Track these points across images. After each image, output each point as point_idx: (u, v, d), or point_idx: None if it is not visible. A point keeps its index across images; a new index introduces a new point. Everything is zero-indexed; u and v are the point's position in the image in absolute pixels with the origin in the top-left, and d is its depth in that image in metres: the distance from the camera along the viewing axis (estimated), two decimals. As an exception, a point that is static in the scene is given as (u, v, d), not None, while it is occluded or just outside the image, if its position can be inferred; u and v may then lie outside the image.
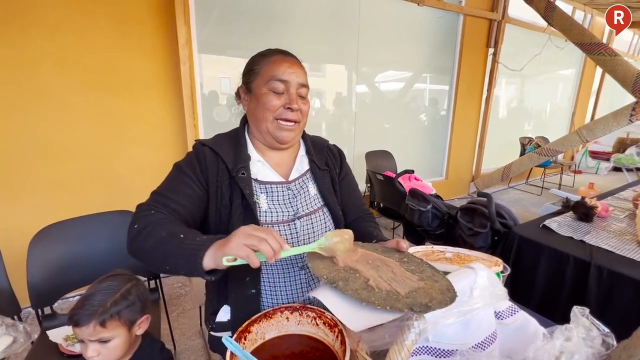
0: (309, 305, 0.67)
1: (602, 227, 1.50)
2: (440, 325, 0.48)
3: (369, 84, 3.35)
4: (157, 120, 2.19)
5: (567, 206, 1.67)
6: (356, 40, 3.02)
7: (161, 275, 1.49)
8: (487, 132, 4.25)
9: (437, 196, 2.17)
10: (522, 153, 4.46)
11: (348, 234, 0.63)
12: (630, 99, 2.96)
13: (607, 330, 0.48)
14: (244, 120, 0.85)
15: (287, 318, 0.67)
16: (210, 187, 0.75)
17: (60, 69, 1.86)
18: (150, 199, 0.72)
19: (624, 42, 5.90)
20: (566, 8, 4.02)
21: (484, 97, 4.11)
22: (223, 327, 0.79)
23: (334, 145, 0.95)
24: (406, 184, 2.32)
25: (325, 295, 0.56)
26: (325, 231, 0.82)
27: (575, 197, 1.72)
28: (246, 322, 0.62)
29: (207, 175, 0.75)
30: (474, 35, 3.71)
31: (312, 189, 0.84)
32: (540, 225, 1.51)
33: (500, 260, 0.72)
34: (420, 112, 3.88)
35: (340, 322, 0.61)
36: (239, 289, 0.75)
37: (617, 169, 4.70)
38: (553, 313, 1.27)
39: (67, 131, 1.94)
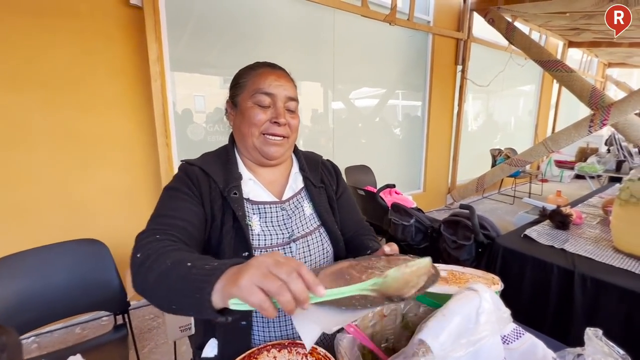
0: (298, 341, 0.60)
1: (579, 235, 1.54)
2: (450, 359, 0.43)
3: (345, 100, 3.39)
4: (125, 140, 2.07)
5: (544, 215, 1.70)
6: (331, 57, 3.06)
7: (130, 307, 1.36)
8: (460, 145, 4.40)
9: (419, 209, 2.17)
10: (493, 164, 4.64)
11: (424, 263, 0.47)
12: (582, 110, 3.17)
13: (622, 352, 0.46)
14: (232, 137, 0.80)
15: (275, 357, 0.60)
16: (204, 206, 0.68)
17: (16, 86, 1.72)
18: (152, 223, 0.63)
19: (574, 60, 6.42)
20: (524, 29, 4.32)
21: (455, 111, 4.27)
22: None
23: (328, 160, 0.91)
24: (387, 198, 2.31)
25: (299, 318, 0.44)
26: (323, 253, 0.76)
27: (550, 206, 1.76)
28: (228, 367, 0.55)
29: (200, 192, 0.69)
30: (443, 53, 3.89)
31: (308, 209, 0.78)
32: (522, 235, 1.53)
33: (497, 278, 0.69)
34: (396, 127, 3.97)
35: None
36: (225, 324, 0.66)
37: (578, 177, 5.00)
38: (542, 325, 1.26)
39: (22, 153, 1.78)
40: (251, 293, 0.38)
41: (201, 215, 0.67)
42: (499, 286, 0.65)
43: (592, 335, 0.45)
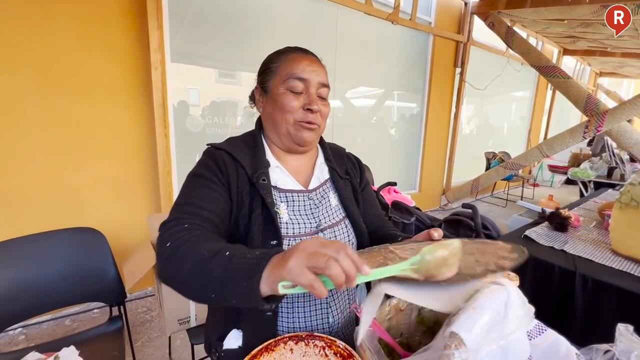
0: (316, 334, 0.58)
1: (577, 237, 1.56)
2: (482, 354, 0.42)
3: (343, 98, 3.38)
4: (122, 128, 2.01)
5: (543, 217, 1.72)
6: (334, 55, 3.04)
7: (125, 299, 1.32)
8: (456, 147, 4.44)
9: (417, 208, 2.17)
10: (488, 167, 4.69)
11: (456, 244, 0.50)
12: (573, 117, 3.22)
13: (653, 348, 0.45)
14: (260, 123, 0.77)
15: (292, 349, 0.58)
16: (231, 193, 0.66)
17: (9, 69, 1.66)
18: (177, 212, 0.60)
19: (568, 68, 6.54)
20: (522, 35, 4.38)
21: (452, 113, 4.30)
22: (234, 356, 0.68)
23: (351, 153, 0.90)
24: (387, 196, 2.30)
25: (394, 290, 0.48)
26: (349, 244, 0.75)
27: (537, 208, 1.78)
28: (245, 359, 0.53)
29: (228, 178, 0.66)
30: (443, 55, 3.91)
31: (334, 200, 0.77)
32: (522, 236, 1.54)
33: (513, 274, 0.68)
34: (393, 127, 3.98)
35: (360, 352, 0.54)
36: (254, 311, 0.64)
37: (568, 182, 5.09)
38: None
39: (14, 139, 1.72)
40: (301, 274, 0.39)
41: (227, 205, 0.65)
42: (517, 282, 0.64)
43: (624, 330, 0.44)
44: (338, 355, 0.56)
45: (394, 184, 2.18)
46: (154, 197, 2.17)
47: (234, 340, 0.68)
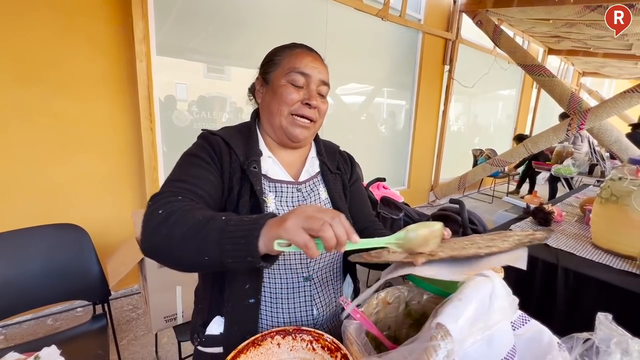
0: (304, 328, 0.58)
1: (560, 231, 1.60)
2: (467, 344, 0.42)
3: (334, 95, 3.37)
4: (106, 122, 1.96)
5: (528, 212, 1.76)
6: (323, 51, 3.01)
7: (110, 297, 1.29)
8: (445, 144, 4.49)
9: (406, 204, 2.19)
10: (475, 164, 4.77)
11: (438, 226, 0.54)
12: (558, 114, 3.30)
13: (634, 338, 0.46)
14: (256, 114, 0.78)
15: (279, 344, 0.57)
16: (223, 177, 0.67)
17: (-15, 59, 1.59)
18: (169, 186, 0.60)
19: (552, 67, 6.69)
20: (509, 33, 4.45)
21: (440, 111, 4.35)
22: (214, 341, 0.68)
23: (344, 151, 0.91)
24: (375, 192, 2.32)
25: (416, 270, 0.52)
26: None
27: (522, 204, 1.82)
28: (231, 354, 0.52)
29: (221, 163, 0.67)
30: (431, 52, 3.94)
31: (323, 193, 0.77)
32: (507, 230, 1.57)
33: (499, 267, 0.69)
34: (383, 124, 4.00)
35: (347, 347, 0.54)
36: (237, 298, 0.65)
37: (552, 179, 5.22)
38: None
39: (-9, 131, 1.65)
40: (297, 234, 0.43)
41: (219, 187, 0.65)
42: (502, 274, 0.66)
43: (604, 319, 0.46)
44: (326, 348, 0.55)
45: (383, 179, 2.19)
46: (139, 193, 2.12)
47: (216, 326, 0.68)
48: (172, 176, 0.63)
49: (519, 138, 4.93)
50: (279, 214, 0.68)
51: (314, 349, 0.57)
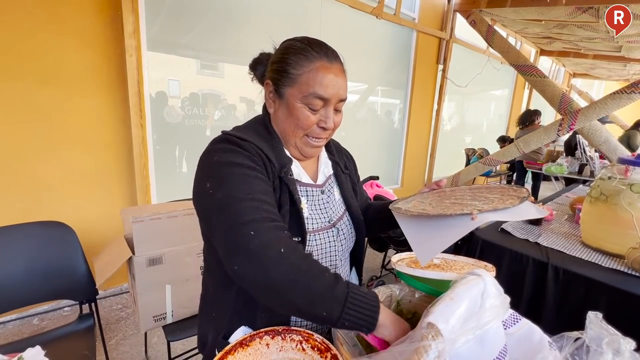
0: (293, 328, 0.57)
1: (551, 230, 1.61)
2: (459, 343, 0.42)
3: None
4: (94, 117, 1.91)
5: (519, 211, 1.77)
6: (317, 47, 3.00)
7: (98, 296, 1.27)
8: (438, 143, 4.51)
9: (399, 203, 2.19)
10: (467, 163, 4.81)
11: None
12: (549, 115, 3.32)
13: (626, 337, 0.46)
14: (267, 112, 0.71)
15: (267, 344, 0.56)
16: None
17: (-33, 51, 1.54)
18: (254, 209, 0.54)
19: (544, 68, 6.76)
20: (502, 33, 4.48)
21: (434, 110, 4.36)
22: None
23: (344, 148, 0.93)
24: (369, 190, 2.31)
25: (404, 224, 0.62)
26: (350, 238, 0.78)
27: None
28: (219, 355, 0.51)
29: (265, 170, 0.62)
30: (425, 51, 3.94)
31: (337, 194, 0.78)
32: (499, 229, 1.58)
33: (490, 265, 0.69)
34: (376, 123, 3.99)
35: (336, 347, 0.53)
36: (271, 311, 0.64)
37: (544, 179, 5.30)
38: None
39: (-27, 126, 1.60)
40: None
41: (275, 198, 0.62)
42: (494, 273, 0.65)
43: (594, 318, 0.45)
44: (315, 349, 0.54)
45: (376, 178, 2.18)
46: (128, 190, 2.08)
47: (242, 334, 0.64)
48: (236, 192, 0.55)
49: (502, 139, 5.01)
50: (312, 218, 0.69)
51: (303, 349, 0.56)
